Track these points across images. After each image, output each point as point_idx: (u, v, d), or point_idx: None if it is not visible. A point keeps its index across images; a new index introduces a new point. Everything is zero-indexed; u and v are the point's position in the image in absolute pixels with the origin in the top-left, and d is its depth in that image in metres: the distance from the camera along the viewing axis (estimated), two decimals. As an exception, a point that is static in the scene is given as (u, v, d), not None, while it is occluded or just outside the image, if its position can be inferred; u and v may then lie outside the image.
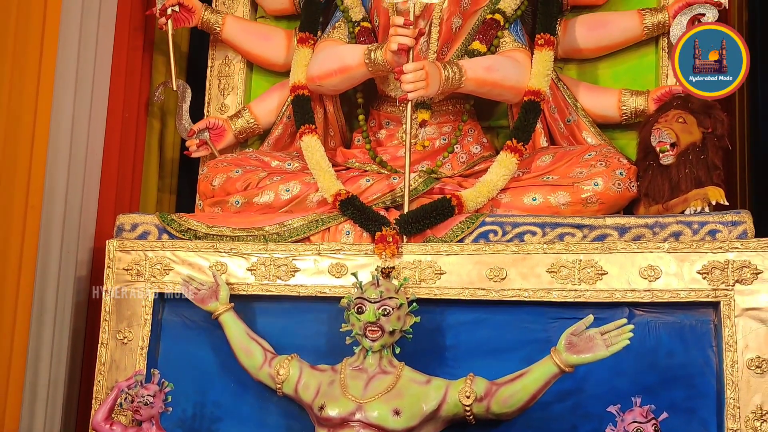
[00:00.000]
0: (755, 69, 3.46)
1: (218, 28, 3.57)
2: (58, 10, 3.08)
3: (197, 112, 3.65)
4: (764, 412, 2.49)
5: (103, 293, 2.98)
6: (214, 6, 3.67)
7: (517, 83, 3.13)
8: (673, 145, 2.86)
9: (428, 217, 2.89)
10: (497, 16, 3.24)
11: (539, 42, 3.19)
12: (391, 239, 2.83)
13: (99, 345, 2.94)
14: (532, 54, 3.19)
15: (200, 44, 3.81)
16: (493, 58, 3.19)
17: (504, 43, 3.24)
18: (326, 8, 3.49)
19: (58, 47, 3.09)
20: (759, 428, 2.48)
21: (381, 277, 2.67)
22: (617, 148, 3.15)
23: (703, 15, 3.18)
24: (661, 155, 2.87)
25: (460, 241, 2.86)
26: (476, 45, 3.22)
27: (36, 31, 3.01)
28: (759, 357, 2.52)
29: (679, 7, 3.21)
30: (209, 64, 3.69)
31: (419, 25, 3.11)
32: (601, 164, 2.97)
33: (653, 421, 2.33)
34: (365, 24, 3.35)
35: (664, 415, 2.35)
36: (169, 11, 3.50)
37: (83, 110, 3.19)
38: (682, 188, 2.84)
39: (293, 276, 2.90)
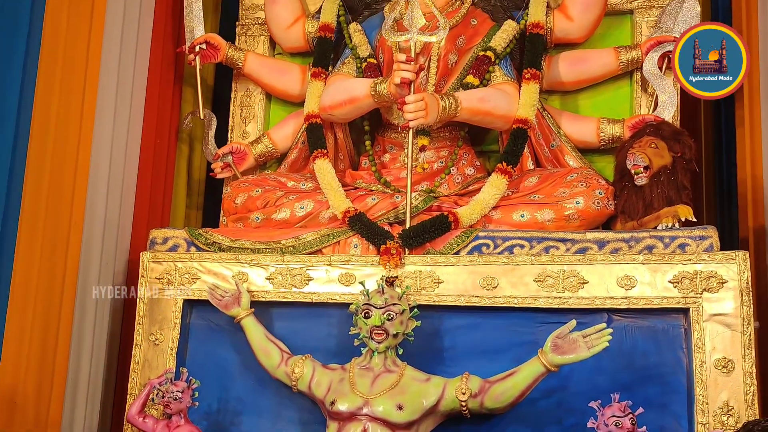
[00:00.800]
0: (719, 100, 3.49)
1: (240, 64, 3.60)
2: (99, 48, 3.10)
3: (221, 138, 3.66)
4: (730, 408, 2.50)
5: (137, 299, 2.99)
6: (237, 44, 3.69)
7: (507, 112, 3.15)
8: (646, 167, 2.87)
9: (428, 232, 2.90)
10: (489, 53, 3.26)
11: (526, 76, 3.21)
12: (394, 251, 2.84)
13: (133, 346, 2.95)
14: (520, 86, 3.21)
15: (224, 78, 3.83)
16: (485, 90, 3.21)
17: (495, 77, 3.25)
18: (336, 46, 3.51)
19: (99, 80, 3.11)
20: (726, 422, 2.49)
21: (386, 286, 2.68)
22: (596, 170, 3.16)
23: (673, 52, 3.21)
24: (635, 177, 2.88)
25: (457, 253, 2.86)
26: (470, 79, 3.24)
27: (80, 67, 3.03)
28: (725, 358, 2.53)
29: (651, 45, 3.23)
30: (232, 95, 3.71)
31: (419, 61, 3.13)
32: (582, 185, 2.98)
33: (630, 416, 2.33)
34: (371, 60, 3.37)
35: (640, 410, 2.36)
36: (197, 49, 3.53)
37: (121, 136, 3.21)
38: (655, 206, 2.85)
39: (307, 284, 2.91)
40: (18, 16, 2.71)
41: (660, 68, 3.21)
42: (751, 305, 2.55)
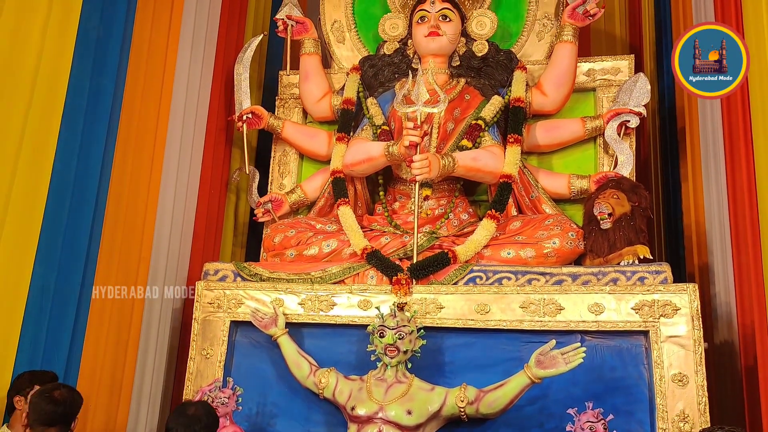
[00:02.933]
0: (667, 158, 3.45)
1: (279, 130, 3.58)
2: (167, 114, 3.10)
3: (263, 189, 3.62)
4: (686, 416, 2.41)
5: (193, 320, 2.91)
6: (276, 114, 3.68)
7: (495, 169, 3.11)
8: (609, 214, 2.83)
9: (431, 266, 2.84)
10: (479, 122, 3.23)
11: (510, 140, 3.18)
12: (404, 282, 2.79)
13: (188, 359, 2.87)
14: (505, 148, 3.17)
15: (266, 141, 3.81)
16: (476, 151, 3.17)
17: (484, 140, 3.22)
18: (356, 116, 3.49)
19: (167, 141, 3.10)
20: (682, 428, 2.40)
21: (397, 310, 2.62)
22: (568, 216, 3.10)
23: (629, 121, 3.18)
24: (601, 222, 2.83)
25: (455, 283, 2.80)
26: (464, 142, 3.21)
27: (151, 129, 3.02)
28: (680, 373, 2.45)
29: (611, 116, 3.21)
30: (272, 155, 3.68)
31: (424, 128, 3.10)
32: (557, 228, 2.93)
33: (602, 421, 2.26)
34: (384, 127, 3.35)
35: (611, 416, 2.28)
36: (244, 117, 3.52)
37: (182, 186, 3.18)
38: (618, 246, 2.79)
39: (332, 309, 2.83)
40: (102, 88, 2.71)
41: (618, 134, 3.19)
42: (701, 329, 2.48)
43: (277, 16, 3.70)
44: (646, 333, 2.54)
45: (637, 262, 2.70)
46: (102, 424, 2.68)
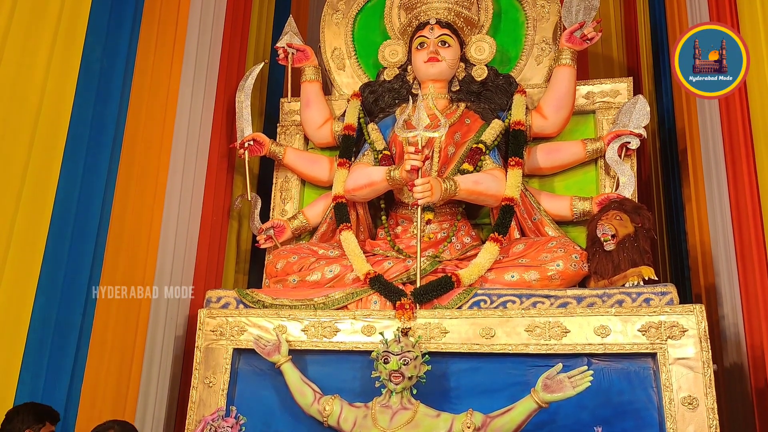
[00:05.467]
0: (669, 178, 3.45)
1: (281, 156, 3.59)
2: (170, 142, 3.12)
3: (265, 215, 3.63)
4: (697, 439, 2.35)
5: (195, 349, 2.89)
6: (278, 140, 3.70)
7: (496, 192, 3.10)
8: (613, 236, 2.81)
9: (435, 290, 2.82)
10: (480, 146, 3.24)
11: (511, 163, 3.18)
12: (408, 307, 2.76)
13: (191, 388, 2.83)
14: (506, 171, 3.18)
15: (268, 167, 3.83)
16: (478, 174, 3.17)
17: (485, 164, 3.22)
18: (357, 141, 3.50)
19: (170, 168, 3.11)
20: (693, 452, 2.34)
21: (401, 336, 2.58)
22: (571, 238, 3.08)
23: (629, 143, 3.19)
24: (604, 243, 2.81)
25: (459, 308, 2.77)
26: (466, 166, 3.21)
27: (155, 156, 3.04)
28: (690, 396, 2.40)
29: (611, 138, 3.21)
30: (274, 181, 3.69)
31: (425, 152, 3.12)
32: (561, 250, 2.91)
33: (612, 446, 2.21)
34: (386, 152, 3.36)
35: (620, 441, 2.23)
36: (246, 144, 3.53)
37: (184, 213, 3.18)
38: (622, 267, 2.76)
39: (335, 335, 2.81)
40: (105, 117, 2.74)
41: (619, 155, 3.19)
42: (709, 350, 2.44)
43: (278, 45, 3.75)
44: (653, 355, 2.50)
45: (642, 283, 2.67)
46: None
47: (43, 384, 2.39)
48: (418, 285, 2.85)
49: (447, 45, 3.38)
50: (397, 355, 2.47)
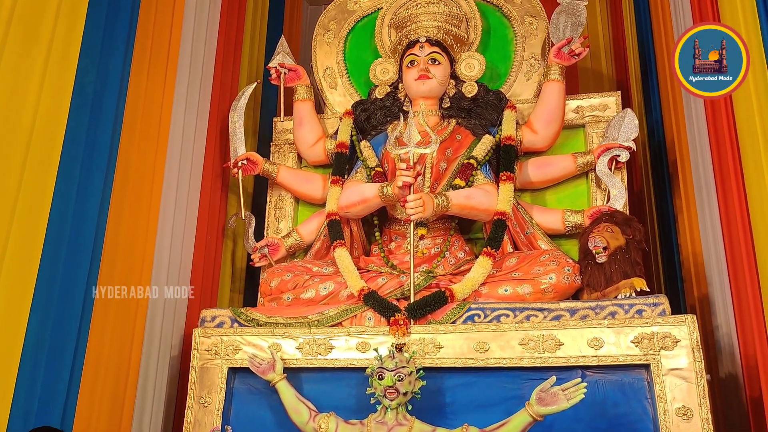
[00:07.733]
0: (660, 190, 3.48)
1: (274, 175, 3.61)
2: (163, 161, 3.13)
3: (259, 234, 3.64)
4: (693, 450, 2.35)
5: (190, 368, 2.88)
6: (271, 159, 3.73)
7: (489, 207, 3.13)
8: (605, 248, 2.83)
9: (429, 306, 2.83)
10: (472, 161, 3.27)
11: (503, 178, 3.20)
12: (402, 322, 2.77)
13: (186, 408, 2.82)
14: (498, 186, 3.20)
15: (262, 186, 3.85)
16: (470, 189, 3.20)
17: (477, 179, 3.25)
18: (350, 159, 3.53)
19: (163, 188, 3.12)
20: (689, 463, 2.34)
21: (396, 351, 2.59)
22: (564, 251, 3.11)
23: (619, 156, 3.22)
24: (596, 256, 2.83)
25: (453, 322, 2.78)
26: (457, 181, 3.24)
27: (149, 176, 3.04)
28: (684, 406, 2.40)
29: (601, 151, 3.25)
30: (268, 199, 3.71)
31: (417, 168, 3.14)
32: (553, 263, 2.93)
33: (608, 458, 2.20)
34: (378, 169, 3.38)
35: (617, 452, 2.23)
36: (239, 164, 3.55)
37: (178, 233, 3.19)
38: (614, 279, 2.78)
39: (330, 352, 2.81)
40: (99, 138, 2.76)
41: (610, 168, 3.22)
42: (702, 360, 2.45)
43: (270, 65, 3.79)
44: (647, 366, 2.51)
45: (634, 294, 2.69)
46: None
47: (37, 407, 2.37)
48: (412, 300, 2.86)
49: (437, 62, 3.42)
50: (392, 370, 2.48)
